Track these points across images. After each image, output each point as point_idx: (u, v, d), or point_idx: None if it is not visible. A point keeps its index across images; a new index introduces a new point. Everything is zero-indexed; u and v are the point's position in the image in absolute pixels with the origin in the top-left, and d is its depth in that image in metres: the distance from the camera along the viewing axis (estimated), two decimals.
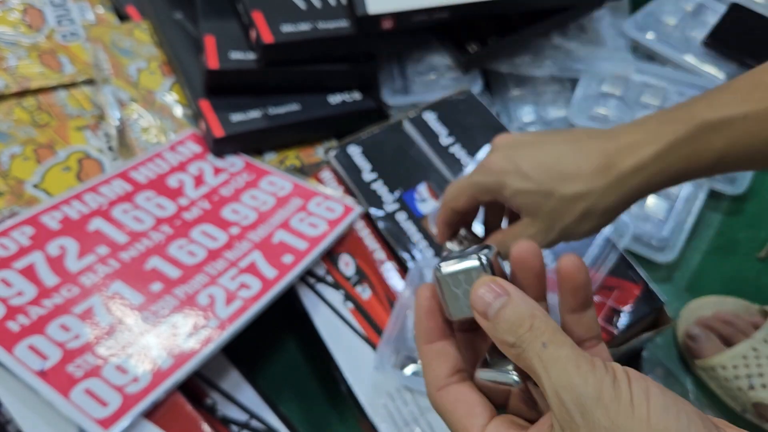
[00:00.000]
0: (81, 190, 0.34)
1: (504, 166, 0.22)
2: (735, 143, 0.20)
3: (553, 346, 0.13)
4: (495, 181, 0.22)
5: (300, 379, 0.34)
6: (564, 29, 0.46)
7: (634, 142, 0.21)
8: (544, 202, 0.22)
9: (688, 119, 0.21)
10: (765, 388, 0.31)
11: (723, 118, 0.20)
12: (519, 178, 0.22)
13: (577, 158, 0.21)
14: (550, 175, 0.21)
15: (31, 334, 0.27)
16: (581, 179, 0.21)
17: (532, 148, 0.22)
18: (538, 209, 0.22)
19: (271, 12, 0.39)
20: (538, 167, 0.22)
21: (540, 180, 0.21)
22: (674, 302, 0.37)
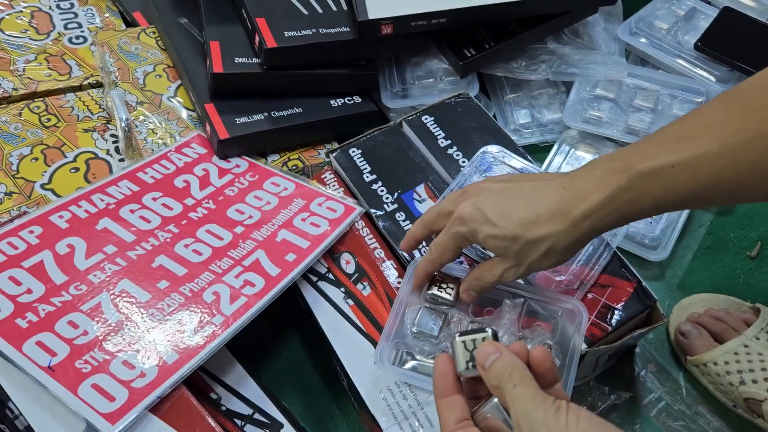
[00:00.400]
0: (89, 191, 0.35)
1: (474, 216, 0.26)
2: (668, 189, 0.23)
3: (520, 387, 0.20)
4: (469, 230, 0.26)
5: (302, 374, 0.35)
6: (558, 34, 0.47)
7: (584, 191, 0.25)
8: (512, 246, 0.25)
9: (626, 169, 0.24)
10: (756, 384, 0.32)
11: (654, 168, 0.23)
12: (488, 226, 0.26)
13: (536, 206, 0.25)
14: (513, 222, 0.25)
15: (39, 331, 0.27)
16: (540, 226, 0.25)
17: (496, 198, 0.26)
18: (507, 251, 0.26)
19: (274, 18, 0.40)
20: (503, 216, 0.25)
21: (505, 227, 0.25)
22: (666, 300, 0.38)
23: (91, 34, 0.47)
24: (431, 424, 0.28)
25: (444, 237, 0.27)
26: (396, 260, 0.34)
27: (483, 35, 0.44)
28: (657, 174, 0.23)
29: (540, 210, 0.25)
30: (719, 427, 0.33)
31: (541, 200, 0.25)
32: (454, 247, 0.27)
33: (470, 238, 0.26)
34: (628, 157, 0.24)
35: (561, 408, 0.19)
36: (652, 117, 0.44)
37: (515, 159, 0.36)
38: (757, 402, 0.32)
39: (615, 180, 0.24)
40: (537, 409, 0.19)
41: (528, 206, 0.25)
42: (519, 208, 0.25)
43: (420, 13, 0.40)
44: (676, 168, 0.23)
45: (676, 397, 0.34)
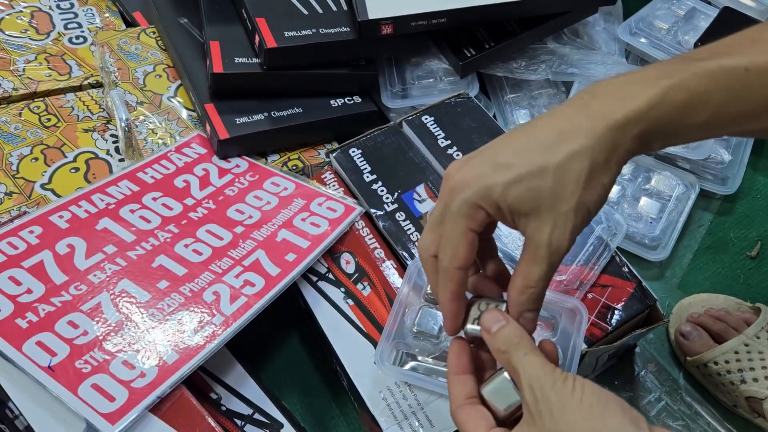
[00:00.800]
0: (89, 191, 0.35)
1: (478, 171, 0.19)
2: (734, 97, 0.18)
3: (531, 355, 0.19)
4: (478, 190, 0.18)
5: (302, 374, 0.35)
6: (558, 34, 0.47)
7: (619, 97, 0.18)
8: (542, 183, 0.18)
9: (684, 67, 0.18)
10: (757, 382, 0.32)
11: (724, 67, 0.18)
12: (501, 171, 0.18)
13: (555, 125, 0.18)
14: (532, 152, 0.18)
15: (39, 331, 0.27)
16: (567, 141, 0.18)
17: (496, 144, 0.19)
18: (539, 195, 0.18)
19: (274, 18, 0.40)
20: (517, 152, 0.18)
21: (524, 161, 0.18)
22: (666, 300, 0.38)
23: (91, 34, 0.47)
24: (431, 424, 0.28)
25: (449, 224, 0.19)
26: (396, 260, 0.34)
27: (483, 35, 0.44)
28: (726, 75, 0.18)
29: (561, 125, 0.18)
30: (719, 427, 0.33)
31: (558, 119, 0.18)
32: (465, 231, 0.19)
33: (482, 202, 0.18)
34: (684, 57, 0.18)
35: (568, 377, 0.18)
36: None
37: None
38: (758, 401, 0.32)
39: (668, 75, 0.18)
40: (547, 375, 0.18)
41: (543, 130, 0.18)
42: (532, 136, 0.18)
43: (420, 13, 0.40)
44: (751, 71, 0.18)
45: (676, 397, 0.34)
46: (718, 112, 0.19)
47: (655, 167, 0.43)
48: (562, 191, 0.18)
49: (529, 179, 0.18)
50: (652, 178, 0.42)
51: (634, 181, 0.42)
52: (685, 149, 0.42)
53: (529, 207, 0.18)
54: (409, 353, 0.29)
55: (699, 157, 0.42)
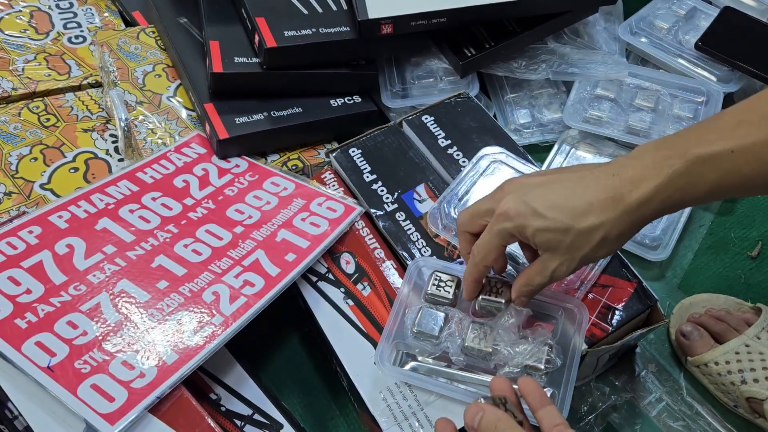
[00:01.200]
0: (88, 191, 0.35)
1: (521, 210, 0.25)
2: (725, 176, 0.23)
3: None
4: (516, 226, 0.25)
5: (302, 374, 0.35)
6: (559, 34, 0.47)
7: (636, 177, 0.24)
8: (564, 238, 0.24)
9: (683, 154, 0.23)
10: (757, 383, 0.32)
11: (712, 153, 0.23)
12: (536, 219, 0.25)
13: (586, 195, 0.24)
14: (563, 212, 0.24)
15: (38, 332, 0.27)
16: (593, 214, 0.24)
17: (541, 190, 0.25)
18: (558, 244, 0.25)
19: (274, 18, 0.40)
20: (552, 207, 0.25)
21: (555, 219, 0.24)
22: (667, 300, 0.38)
23: (91, 33, 0.47)
24: (431, 425, 0.28)
25: (487, 236, 0.26)
26: (396, 260, 0.33)
27: (483, 35, 0.44)
28: (715, 159, 0.23)
29: (590, 198, 0.24)
30: (719, 427, 0.33)
31: (590, 189, 0.24)
32: (498, 246, 0.26)
33: (517, 234, 0.25)
34: (682, 142, 0.24)
35: None
36: (652, 117, 0.44)
37: (515, 159, 0.36)
38: (759, 401, 0.32)
39: (670, 165, 0.23)
40: None
41: (577, 195, 0.24)
42: (568, 198, 0.24)
43: (420, 12, 0.39)
44: (736, 153, 0.22)
45: (677, 397, 0.34)
46: (716, 188, 0.23)
47: None
48: (577, 247, 0.25)
49: (555, 233, 0.25)
50: None
51: None
52: None
53: (548, 248, 0.25)
54: (409, 353, 0.29)
55: None
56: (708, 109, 0.44)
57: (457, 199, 0.34)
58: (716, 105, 0.44)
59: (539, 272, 0.26)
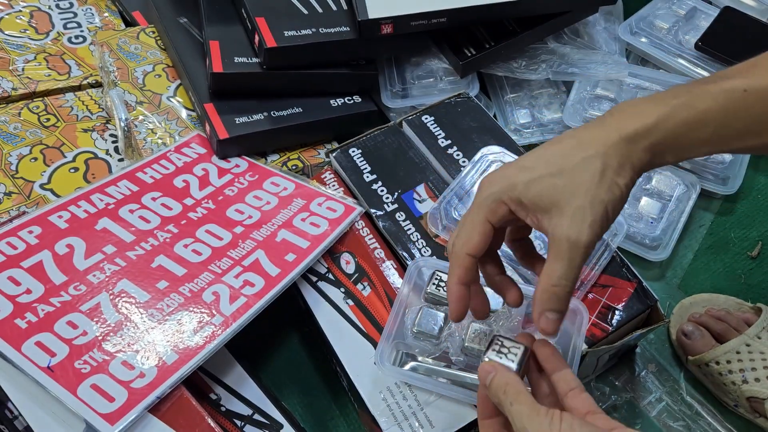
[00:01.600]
0: (88, 191, 0.35)
1: (505, 173, 0.22)
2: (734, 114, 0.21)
3: (516, 404, 0.20)
4: (502, 187, 0.21)
5: (302, 374, 0.35)
6: (559, 34, 0.47)
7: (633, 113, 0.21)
8: (558, 181, 0.20)
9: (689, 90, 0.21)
10: (759, 382, 0.32)
11: (723, 89, 0.21)
12: (524, 172, 0.21)
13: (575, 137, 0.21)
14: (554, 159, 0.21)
15: (38, 332, 0.27)
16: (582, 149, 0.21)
17: (526, 154, 0.23)
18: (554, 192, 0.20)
19: (274, 18, 0.40)
20: (539, 158, 0.21)
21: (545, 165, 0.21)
22: (667, 300, 0.38)
23: (91, 33, 0.47)
24: (431, 425, 0.28)
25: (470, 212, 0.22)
26: (396, 260, 0.33)
27: (483, 35, 0.44)
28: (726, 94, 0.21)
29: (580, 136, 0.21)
30: (719, 427, 0.33)
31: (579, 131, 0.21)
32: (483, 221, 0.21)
33: (504, 197, 0.21)
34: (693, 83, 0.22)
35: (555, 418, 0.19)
36: None
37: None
38: (760, 401, 0.32)
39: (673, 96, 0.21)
40: (532, 421, 0.19)
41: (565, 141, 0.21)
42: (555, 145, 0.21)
43: (420, 12, 0.39)
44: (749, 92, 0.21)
45: (677, 397, 0.34)
46: (721, 129, 0.21)
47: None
48: (577, 188, 0.20)
49: (547, 178, 0.21)
50: (652, 178, 0.42)
51: None
52: None
53: (547, 202, 0.21)
54: (409, 353, 0.29)
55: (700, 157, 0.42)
56: None
57: (457, 200, 0.34)
58: None
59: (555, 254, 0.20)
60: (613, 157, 0.20)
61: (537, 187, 0.21)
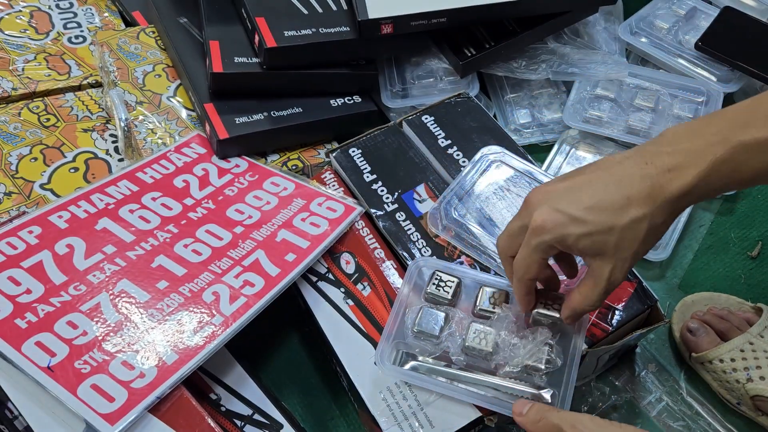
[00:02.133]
0: (88, 191, 0.35)
1: (557, 220, 0.24)
2: None
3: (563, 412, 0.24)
4: (555, 237, 0.24)
5: (302, 374, 0.35)
6: (559, 34, 0.47)
7: (674, 165, 0.23)
8: (609, 238, 0.23)
9: (725, 140, 0.22)
10: (763, 380, 0.32)
11: (759, 139, 0.22)
12: (576, 226, 0.23)
13: (621, 189, 0.23)
14: (603, 212, 0.23)
15: (38, 332, 0.27)
16: (633, 207, 0.23)
17: (572, 194, 0.24)
18: (604, 247, 0.23)
19: (274, 18, 0.40)
20: (589, 209, 0.23)
21: (596, 221, 0.23)
22: (667, 300, 0.38)
23: (91, 33, 0.47)
24: (431, 425, 0.28)
25: (525, 251, 0.25)
26: (396, 260, 0.33)
27: (483, 35, 0.44)
28: (762, 145, 0.22)
29: (628, 192, 0.23)
30: (719, 427, 0.33)
31: (624, 182, 0.23)
32: (539, 260, 0.25)
33: (557, 245, 0.24)
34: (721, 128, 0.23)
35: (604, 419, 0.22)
36: (652, 117, 0.44)
37: (515, 159, 0.36)
38: (765, 399, 0.32)
39: (713, 152, 0.22)
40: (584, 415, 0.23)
41: (611, 192, 0.23)
42: (603, 196, 0.23)
43: (420, 12, 0.39)
44: None
45: (677, 397, 0.34)
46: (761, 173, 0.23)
47: None
48: (624, 245, 0.23)
49: (598, 235, 0.23)
50: None
51: None
52: None
53: (595, 252, 0.24)
54: (409, 353, 0.29)
55: None
56: (708, 109, 0.44)
57: (457, 200, 0.34)
58: (716, 105, 0.44)
59: (593, 284, 0.24)
60: (658, 217, 0.23)
61: (588, 241, 0.23)
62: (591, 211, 0.23)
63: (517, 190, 0.35)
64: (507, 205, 0.34)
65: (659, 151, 0.23)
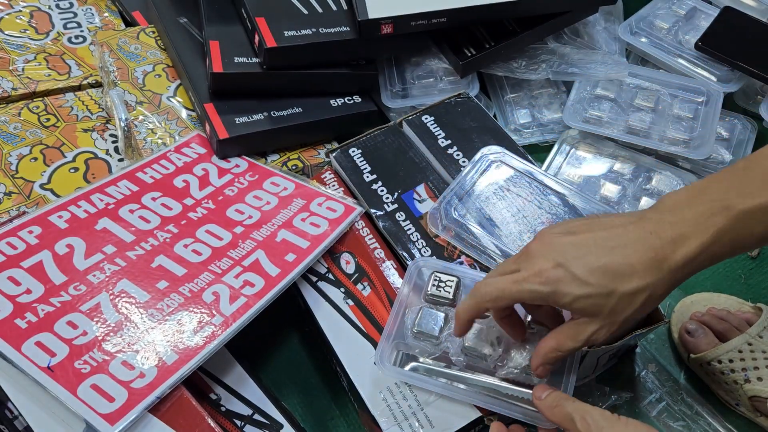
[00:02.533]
0: (88, 191, 0.35)
1: (559, 276, 0.23)
2: None
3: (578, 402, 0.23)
4: (551, 291, 0.23)
5: (302, 374, 0.35)
6: (559, 34, 0.47)
7: (678, 236, 0.23)
8: (606, 303, 0.23)
9: (726, 208, 0.23)
10: (761, 381, 0.32)
11: (759, 206, 0.22)
12: (577, 285, 0.23)
13: (626, 255, 0.23)
14: (605, 276, 0.23)
15: (38, 332, 0.27)
16: (637, 276, 0.23)
17: (577, 251, 0.23)
18: (599, 309, 0.23)
19: (274, 18, 0.40)
20: (593, 272, 0.23)
21: (598, 284, 0.23)
22: (667, 300, 0.38)
23: (91, 33, 0.47)
24: (431, 425, 0.28)
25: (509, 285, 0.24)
26: (396, 260, 0.33)
27: (483, 35, 0.44)
28: (762, 212, 0.22)
29: (632, 260, 0.23)
30: (719, 427, 0.33)
31: (629, 248, 0.23)
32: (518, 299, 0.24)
33: (550, 299, 0.23)
34: (721, 194, 0.23)
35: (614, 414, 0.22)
36: (652, 117, 0.44)
37: (515, 159, 0.36)
38: (762, 400, 0.32)
39: (714, 222, 0.22)
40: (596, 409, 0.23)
41: (616, 256, 0.23)
42: (608, 259, 0.23)
43: (420, 12, 0.39)
44: None
45: (677, 397, 0.34)
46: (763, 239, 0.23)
47: (656, 167, 0.43)
48: (620, 311, 0.23)
49: (597, 298, 0.23)
50: (652, 178, 0.42)
51: (634, 181, 0.42)
52: (685, 149, 0.42)
53: (588, 314, 0.24)
54: (409, 354, 0.29)
55: (700, 157, 0.42)
56: (708, 109, 0.44)
57: (457, 200, 0.34)
58: (716, 105, 0.44)
59: (572, 336, 0.24)
60: (659, 287, 0.23)
61: (586, 303, 0.23)
62: (594, 274, 0.23)
63: (517, 190, 0.35)
64: (507, 205, 0.34)
65: (662, 220, 0.23)
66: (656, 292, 0.23)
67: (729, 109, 0.45)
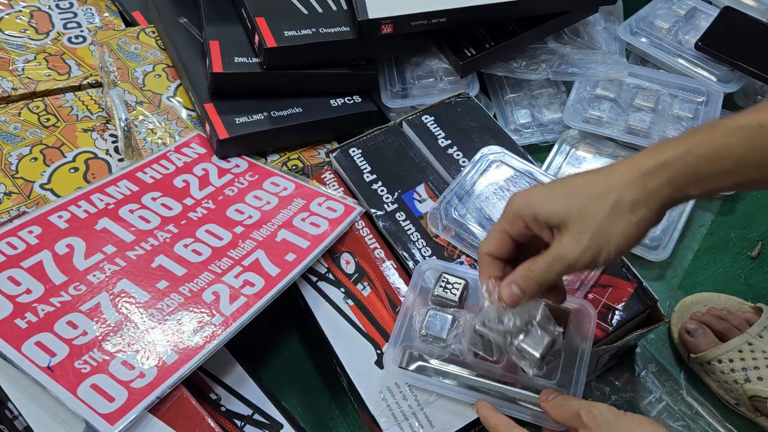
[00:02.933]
0: (88, 191, 0.35)
1: (529, 193, 0.24)
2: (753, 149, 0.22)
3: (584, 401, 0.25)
4: (521, 205, 0.24)
5: (302, 374, 0.35)
6: (559, 34, 0.47)
7: (654, 150, 0.23)
8: (573, 203, 0.23)
9: (710, 126, 0.23)
10: (761, 381, 0.32)
11: (742, 125, 0.22)
12: (545, 194, 0.24)
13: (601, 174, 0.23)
14: (574, 187, 0.23)
15: (38, 332, 0.27)
16: (606, 180, 0.23)
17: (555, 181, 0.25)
18: (568, 213, 0.22)
19: (274, 18, 0.40)
20: (563, 185, 0.24)
21: (565, 190, 0.23)
22: (667, 300, 0.38)
23: (91, 33, 0.47)
24: (431, 425, 0.28)
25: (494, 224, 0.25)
26: (396, 260, 0.33)
27: (483, 35, 0.44)
28: (744, 130, 0.22)
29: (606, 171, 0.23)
30: (719, 427, 0.33)
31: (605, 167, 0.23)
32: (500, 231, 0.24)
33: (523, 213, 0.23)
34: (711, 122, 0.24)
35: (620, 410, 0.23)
36: (652, 117, 0.44)
37: (515, 159, 0.36)
38: (762, 400, 0.32)
39: (692, 133, 0.22)
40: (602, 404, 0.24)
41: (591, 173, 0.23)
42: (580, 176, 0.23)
43: (420, 12, 0.40)
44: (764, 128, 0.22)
45: (677, 397, 0.34)
46: (741, 162, 0.22)
47: None
48: (586, 216, 0.22)
49: (564, 199, 0.23)
50: None
51: None
52: None
53: (557, 220, 0.23)
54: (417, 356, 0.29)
55: None
56: (708, 109, 0.44)
57: (458, 199, 0.34)
58: (716, 105, 0.44)
59: (543, 256, 0.23)
60: (628, 193, 0.22)
61: (551, 206, 0.23)
62: (562, 186, 0.24)
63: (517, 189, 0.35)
64: None
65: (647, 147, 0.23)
66: (625, 195, 0.22)
67: (729, 109, 0.45)
